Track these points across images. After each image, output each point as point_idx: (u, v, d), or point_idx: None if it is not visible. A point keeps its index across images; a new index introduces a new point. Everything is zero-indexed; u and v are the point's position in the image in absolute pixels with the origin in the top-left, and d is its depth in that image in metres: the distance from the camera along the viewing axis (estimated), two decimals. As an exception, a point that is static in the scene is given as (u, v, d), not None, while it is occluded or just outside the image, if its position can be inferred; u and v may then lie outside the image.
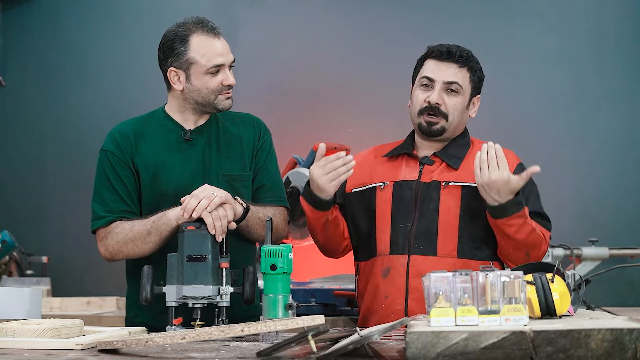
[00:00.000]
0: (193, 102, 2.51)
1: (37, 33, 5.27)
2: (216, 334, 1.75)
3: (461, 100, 2.57)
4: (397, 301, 2.49)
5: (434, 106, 2.55)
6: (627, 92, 4.57)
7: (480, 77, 2.63)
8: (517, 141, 4.32)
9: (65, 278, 4.81)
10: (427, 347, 1.49)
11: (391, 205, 2.57)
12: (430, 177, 2.56)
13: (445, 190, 2.53)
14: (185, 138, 2.53)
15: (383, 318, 2.45)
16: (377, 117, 4.50)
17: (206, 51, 2.45)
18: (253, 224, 2.45)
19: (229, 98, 2.51)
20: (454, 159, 2.58)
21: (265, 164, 2.60)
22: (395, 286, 2.50)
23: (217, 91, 2.48)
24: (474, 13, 4.73)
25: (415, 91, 2.62)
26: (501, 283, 1.62)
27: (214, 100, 2.49)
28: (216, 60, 2.45)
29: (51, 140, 5.19)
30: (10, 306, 2.24)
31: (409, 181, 2.58)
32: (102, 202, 2.47)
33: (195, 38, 2.45)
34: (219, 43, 2.47)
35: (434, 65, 2.58)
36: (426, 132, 2.58)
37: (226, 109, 2.52)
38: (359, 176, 2.65)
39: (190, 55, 2.45)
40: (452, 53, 2.57)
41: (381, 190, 2.61)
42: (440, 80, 2.55)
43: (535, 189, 2.58)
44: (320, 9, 4.91)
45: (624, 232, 4.36)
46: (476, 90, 2.63)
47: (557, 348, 1.47)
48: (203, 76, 2.46)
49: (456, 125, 2.59)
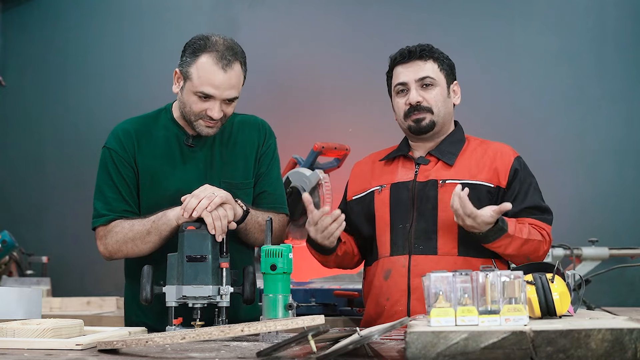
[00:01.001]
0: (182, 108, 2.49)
1: (37, 33, 5.27)
2: (216, 334, 1.75)
3: (439, 91, 2.60)
4: (399, 302, 2.49)
5: (415, 105, 2.57)
6: (627, 92, 4.57)
7: (450, 64, 2.66)
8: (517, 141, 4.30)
9: (65, 278, 4.81)
10: (427, 347, 1.49)
11: (389, 207, 2.58)
12: (427, 176, 2.57)
13: (443, 189, 2.53)
14: (187, 144, 2.51)
15: (386, 320, 2.45)
16: (377, 117, 4.49)
17: (204, 75, 2.38)
18: (251, 228, 2.44)
19: (211, 127, 2.44)
20: (448, 154, 2.59)
21: (267, 169, 2.58)
22: (397, 287, 2.50)
23: (198, 116, 2.42)
24: (474, 13, 4.73)
25: (394, 100, 2.65)
26: (501, 283, 1.62)
27: (194, 121, 2.44)
28: (206, 89, 2.38)
29: (51, 140, 5.19)
30: (10, 306, 2.24)
31: (406, 182, 2.59)
32: (104, 200, 2.47)
33: (204, 57, 2.38)
34: (222, 76, 2.37)
35: (401, 69, 2.62)
36: (417, 131, 2.59)
37: (203, 134, 2.46)
38: (358, 184, 2.70)
39: (191, 70, 2.40)
40: (412, 52, 2.61)
41: (379, 193, 2.62)
42: (412, 80, 2.58)
43: (533, 182, 2.57)
44: (320, 9, 4.91)
45: (624, 232, 4.36)
46: (451, 78, 2.65)
47: (557, 348, 1.47)
48: (192, 95, 2.41)
49: (444, 115, 2.60)
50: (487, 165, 2.56)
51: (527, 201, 2.51)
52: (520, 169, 2.56)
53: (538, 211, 2.53)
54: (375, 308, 2.56)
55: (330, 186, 3.40)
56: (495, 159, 2.58)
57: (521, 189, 2.53)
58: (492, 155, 2.59)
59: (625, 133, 4.55)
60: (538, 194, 2.57)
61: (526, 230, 2.46)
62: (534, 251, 2.46)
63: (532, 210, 2.52)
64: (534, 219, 2.51)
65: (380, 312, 2.53)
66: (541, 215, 2.53)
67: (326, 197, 3.35)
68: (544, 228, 2.51)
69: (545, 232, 2.50)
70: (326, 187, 3.38)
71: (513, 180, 2.54)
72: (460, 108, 2.71)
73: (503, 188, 2.54)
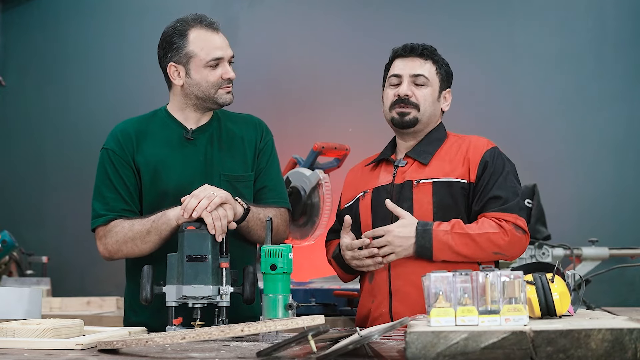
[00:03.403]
0: (194, 98, 2.51)
1: (37, 33, 5.27)
2: (216, 334, 1.75)
3: (430, 92, 2.61)
4: (383, 304, 2.52)
5: (403, 98, 2.59)
6: (627, 92, 4.56)
7: (448, 71, 2.67)
8: (517, 141, 4.32)
9: (65, 278, 4.80)
10: (427, 347, 1.49)
11: (371, 211, 2.60)
12: (403, 177, 2.58)
13: (417, 189, 2.54)
14: (187, 137, 2.53)
15: (373, 321, 2.51)
16: (377, 117, 4.46)
17: (205, 45, 2.46)
18: (253, 225, 2.45)
19: (230, 92, 2.52)
20: (424, 154, 2.60)
21: (267, 165, 2.60)
22: (380, 289, 2.53)
23: (217, 85, 2.48)
24: (474, 13, 4.73)
25: (385, 90, 2.67)
26: (501, 283, 1.62)
27: (214, 94, 2.49)
28: (215, 54, 2.46)
29: (51, 140, 5.19)
30: (10, 306, 2.24)
31: (385, 185, 2.61)
32: (103, 200, 2.47)
33: (194, 32, 2.47)
34: (218, 37, 2.49)
35: (399, 62, 2.64)
36: (399, 124, 2.60)
37: (227, 103, 2.53)
38: (349, 192, 2.75)
39: (190, 48, 2.46)
40: (415, 48, 2.63)
41: (362, 199, 2.65)
42: (407, 74, 2.61)
43: (504, 171, 2.51)
44: (320, 9, 4.91)
45: (624, 232, 4.36)
46: (445, 84, 2.66)
47: (557, 348, 1.47)
48: (202, 70, 2.47)
49: (429, 116, 2.61)
50: (460, 161, 2.55)
51: (490, 192, 2.47)
52: (490, 160, 2.52)
53: (500, 201, 2.46)
54: (363, 309, 2.61)
55: (330, 186, 3.40)
56: (467, 153, 2.56)
57: (489, 181, 2.49)
58: (465, 150, 2.57)
59: (625, 133, 4.55)
60: (507, 183, 2.50)
61: (474, 226, 2.43)
62: (492, 245, 2.41)
63: (493, 201, 2.47)
64: (495, 211, 2.46)
65: (367, 314, 2.57)
66: (503, 205, 2.46)
67: (326, 197, 3.35)
68: (505, 218, 2.44)
69: (506, 222, 2.43)
70: (326, 187, 3.38)
71: (482, 173, 2.51)
72: (460, 108, 2.72)
73: (472, 183, 2.52)
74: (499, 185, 2.49)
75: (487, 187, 2.49)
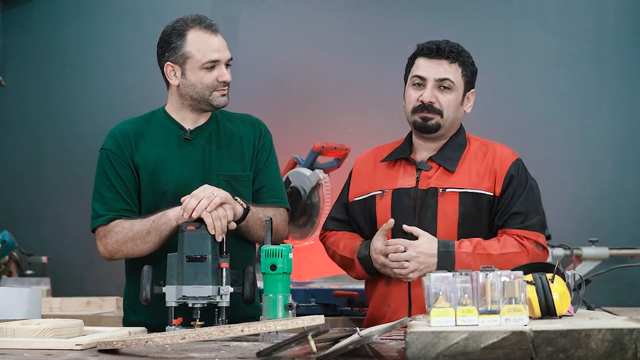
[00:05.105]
0: (189, 99, 2.51)
1: (37, 33, 5.26)
2: (216, 334, 1.75)
3: (455, 97, 2.54)
4: (400, 309, 2.49)
5: (427, 105, 2.52)
6: (627, 92, 4.56)
7: (473, 70, 2.60)
8: (517, 141, 4.31)
9: (65, 278, 4.80)
10: (427, 347, 1.49)
11: (391, 213, 2.56)
12: (428, 183, 2.54)
13: (443, 197, 2.50)
14: (185, 137, 2.53)
15: None
16: (377, 117, 4.50)
17: (202, 46, 2.46)
18: (253, 225, 2.45)
19: (225, 95, 2.51)
20: (450, 161, 2.55)
21: (266, 164, 2.60)
22: (398, 295, 2.51)
23: (211, 87, 2.48)
24: (474, 13, 4.73)
25: (407, 90, 2.60)
26: (501, 283, 1.62)
27: (209, 96, 2.49)
28: (211, 56, 2.46)
29: (51, 140, 5.19)
30: (10, 306, 2.24)
31: (407, 188, 2.56)
32: (102, 200, 2.47)
33: (192, 33, 2.47)
34: (216, 39, 2.49)
35: (424, 63, 2.55)
36: (422, 129, 2.55)
37: (221, 106, 2.52)
38: (360, 185, 2.67)
39: (187, 49, 2.46)
40: (442, 50, 2.53)
41: (380, 198, 2.60)
42: (432, 78, 2.53)
43: (527, 187, 2.51)
44: (320, 9, 4.91)
45: (624, 232, 4.35)
46: (469, 85, 2.60)
47: (557, 348, 1.47)
48: (198, 71, 2.47)
49: (452, 121, 2.56)
50: (487, 172, 2.53)
51: (513, 208, 2.47)
52: (515, 174, 2.51)
53: (521, 217, 2.46)
54: (377, 312, 2.57)
55: (330, 186, 3.40)
56: (494, 163, 2.54)
57: (513, 197, 2.48)
58: (491, 160, 2.55)
59: (626, 133, 4.54)
60: (529, 199, 2.50)
61: (496, 245, 2.43)
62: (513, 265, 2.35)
63: (515, 217, 2.47)
64: (517, 228, 2.46)
65: (382, 317, 2.54)
66: (524, 222, 2.46)
67: (326, 197, 3.36)
68: (527, 236, 2.45)
69: (527, 241, 2.45)
70: (326, 187, 3.38)
71: (507, 187, 2.50)
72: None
73: (497, 196, 2.50)
74: (522, 201, 2.48)
75: (510, 202, 2.48)
